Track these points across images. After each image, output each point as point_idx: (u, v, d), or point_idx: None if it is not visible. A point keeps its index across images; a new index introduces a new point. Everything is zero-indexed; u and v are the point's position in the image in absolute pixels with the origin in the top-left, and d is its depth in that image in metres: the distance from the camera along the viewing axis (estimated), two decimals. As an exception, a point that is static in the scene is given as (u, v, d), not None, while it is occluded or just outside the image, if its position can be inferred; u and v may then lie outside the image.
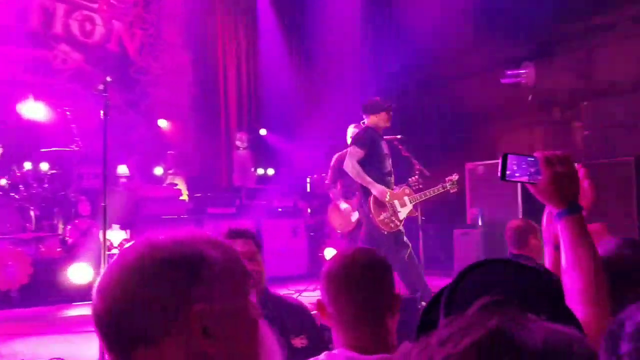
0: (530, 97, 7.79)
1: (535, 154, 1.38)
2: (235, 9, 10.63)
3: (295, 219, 8.34)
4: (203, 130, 9.78)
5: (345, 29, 10.25)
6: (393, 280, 1.75)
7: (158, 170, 8.64)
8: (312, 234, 8.60)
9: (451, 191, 5.84)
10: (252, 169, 9.31)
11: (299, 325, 2.44)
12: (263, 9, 10.73)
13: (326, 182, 6.83)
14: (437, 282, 5.68)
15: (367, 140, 5.55)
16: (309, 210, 8.88)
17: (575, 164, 1.38)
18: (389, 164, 5.68)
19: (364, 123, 5.95)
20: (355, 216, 6.48)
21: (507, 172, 1.41)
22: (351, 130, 6.60)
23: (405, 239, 5.65)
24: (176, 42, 10.02)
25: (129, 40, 9.62)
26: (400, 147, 6.50)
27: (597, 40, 8.27)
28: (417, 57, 9.29)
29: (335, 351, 1.67)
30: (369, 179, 5.47)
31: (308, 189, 9.73)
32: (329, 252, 7.36)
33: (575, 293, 1.29)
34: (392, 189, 5.63)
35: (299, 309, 2.56)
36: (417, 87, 9.98)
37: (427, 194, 5.71)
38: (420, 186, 6.36)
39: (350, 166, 5.51)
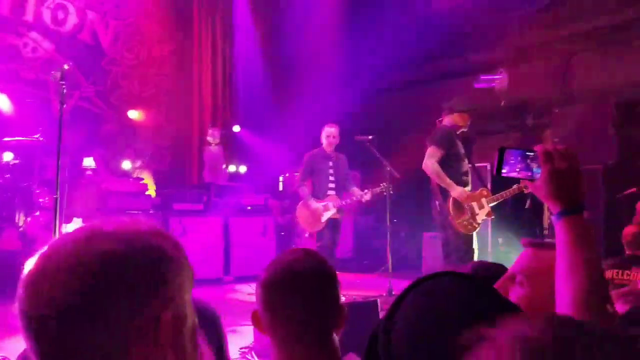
0: (503, 103, 7.79)
1: (535, 148, 1.26)
2: (212, 4, 10.51)
3: (265, 218, 8.25)
4: (175, 125, 9.64)
5: (322, 27, 10.19)
6: (339, 290, 1.56)
7: (126, 164, 8.48)
8: (282, 233, 8.52)
9: (525, 192, 5.78)
10: (224, 166, 9.20)
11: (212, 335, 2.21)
12: (240, 5, 10.63)
13: (297, 180, 6.75)
14: (405, 284, 5.62)
15: (447, 140, 5.41)
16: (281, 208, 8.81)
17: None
18: (465, 164, 5.55)
19: (440, 121, 5.80)
20: (325, 216, 6.41)
21: (503, 168, 1.31)
22: (328, 129, 6.53)
23: (474, 244, 5.53)
24: (152, 35, 9.86)
25: (102, 30, 9.43)
26: (371, 148, 6.46)
27: (571, 48, 8.32)
28: (393, 59, 9.27)
29: None
30: (448, 180, 5.34)
31: (280, 188, 9.65)
32: (298, 253, 7.27)
33: (569, 300, 1.18)
34: (469, 190, 5.52)
35: (212, 318, 2.34)
36: (393, 89, 9.95)
37: (504, 195, 5.56)
38: (391, 191, 6.33)
39: (430, 166, 5.37)
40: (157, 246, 0.82)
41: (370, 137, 6.49)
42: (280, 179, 9.67)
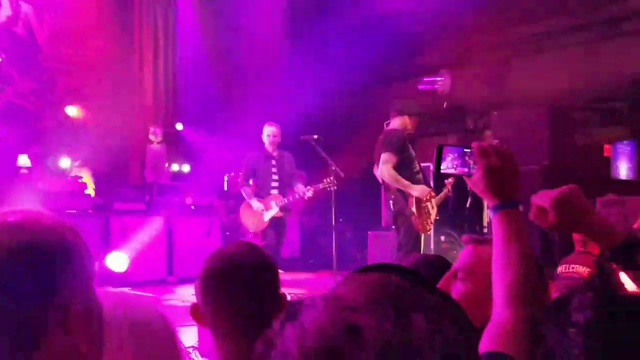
0: (445, 105, 7.98)
1: (472, 145, 1.30)
2: (154, -1, 10.29)
3: (209, 218, 8.15)
4: (115, 122, 9.38)
5: (271, 25, 10.12)
6: (279, 281, 1.57)
7: (64, 162, 8.20)
8: (227, 233, 8.44)
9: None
10: (166, 165, 9.03)
11: None
12: (183, 0, 10.45)
13: (239, 181, 6.72)
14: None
15: (401, 145, 5.41)
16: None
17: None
18: (416, 165, 5.57)
19: (388, 124, 5.80)
20: (268, 215, 6.40)
21: (442, 165, 1.33)
22: (268, 129, 6.51)
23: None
24: (90, 30, 9.55)
25: (38, 24, 9.09)
26: (317, 147, 6.48)
27: (509, 52, 8.59)
28: (340, 61, 9.35)
29: None
30: (406, 182, 5.35)
31: (225, 188, 9.56)
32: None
33: (503, 293, 1.22)
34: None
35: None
36: (340, 89, 10.02)
37: (442, 196, 5.78)
38: (335, 187, 6.38)
39: (386, 173, 5.36)
40: (61, 238, 0.82)
41: (315, 136, 6.51)
42: (225, 178, 9.58)
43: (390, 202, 5.68)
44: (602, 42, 7.77)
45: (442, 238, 7.88)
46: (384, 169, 5.40)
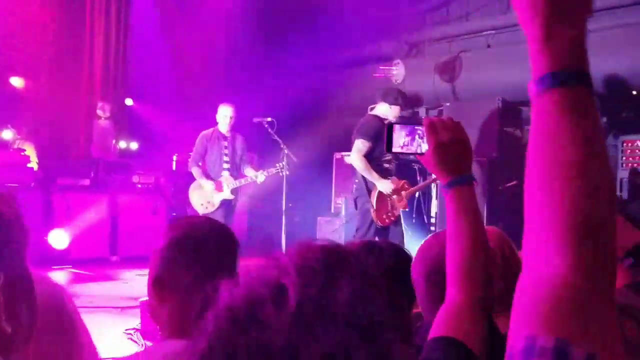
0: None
1: (423, 120, 1.27)
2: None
3: (155, 197, 7.99)
4: (62, 95, 9.03)
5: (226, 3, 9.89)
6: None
7: (6, 134, 7.87)
8: (174, 214, 8.30)
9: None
10: (114, 141, 8.79)
11: None
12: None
13: (189, 160, 6.60)
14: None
15: (374, 132, 5.34)
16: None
17: None
18: (389, 154, 5.48)
19: (372, 109, 5.73)
20: (219, 197, 6.32)
21: (394, 144, 1.32)
22: (223, 109, 6.40)
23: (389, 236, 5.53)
24: (36, -3, 9.12)
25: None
26: (269, 130, 6.43)
27: (462, 46, 8.72)
28: (294, 44, 9.28)
29: (162, 344, 1.39)
30: (375, 175, 5.37)
31: (174, 167, 9.38)
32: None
33: (452, 271, 1.20)
34: (392, 177, 5.54)
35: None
36: (293, 75, 9.96)
37: (421, 186, 5.89)
38: (287, 172, 6.34)
39: (357, 160, 5.37)
40: None
41: (268, 119, 6.47)
42: (174, 157, 9.40)
43: (354, 186, 5.73)
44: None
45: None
46: (355, 157, 5.43)
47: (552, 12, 0.72)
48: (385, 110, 5.60)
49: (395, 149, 1.33)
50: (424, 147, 1.28)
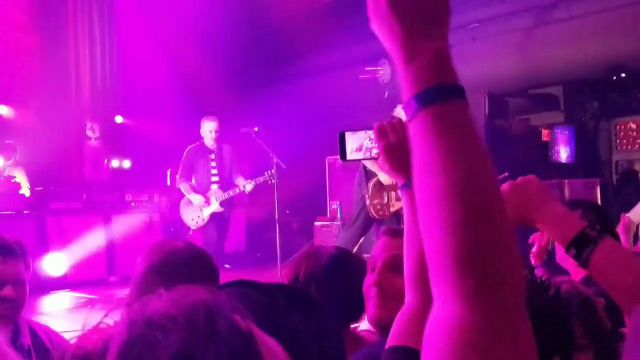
0: (386, 94, 8.01)
1: (374, 125, 1.26)
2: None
3: (150, 214, 7.95)
4: (51, 119, 9.01)
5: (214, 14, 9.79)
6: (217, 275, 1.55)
7: (-4, 162, 7.84)
8: (172, 229, 8.26)
9: None
10: (105, 161, 8.75)
11: None
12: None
13: (177, 176, 6.58)
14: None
15: None
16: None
17: None
18: None
19: (393, 111, 5.82)
20: (207, 211, 6.30)
21: (347, 152, 1.32)
22: (207, 124, 6.38)
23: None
24: (20, 23, 9.11)
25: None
26: (257, 139, 6.42)
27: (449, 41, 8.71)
28: (277, 48, 9.26)
29: None
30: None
31: (168, 182, 9.35)
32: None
33: (407, 273, 1.17)
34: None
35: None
36: (281, 79, 9.95)
37: None
38: (276, 180, 6.33)
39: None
40: None
41: (255, 128, 6.47)
42: (168, 173, 9.37)
43: (356, 179, 5.80)
44: (537, 28, 7.97)
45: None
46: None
47: (408, 32, 0.70)
48: (400, 113, 5.68)
49: (349, 157, 1.32)
50: (376, 152, 1.29)
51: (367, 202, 5.50)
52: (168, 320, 0.59)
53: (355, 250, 5.77)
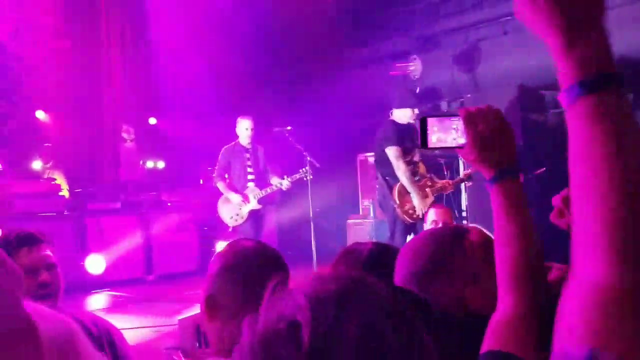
0: (417, 90, 7.98)
1: (459, 112, 1.17)
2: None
3: (185, 213, 8.07)
4: (86, 122, 9.21)
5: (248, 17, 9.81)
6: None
7: (36, 164, 8.05)
8: (205, 228, 8.37)
9: (467, 184, 5.88)
10: (141, 162, 8.91)
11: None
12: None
13: (213, 175, 6.65)
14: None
15: (398, 136, 5.47)
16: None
17: None
18: (414, 154, 5.64)
19: (391, 113, 5.81)
20: (246, 209, 6.35)
21: (429, 140, 1.22)
22: (243, 122, 6.42)
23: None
24: (54, 27, 9.30)
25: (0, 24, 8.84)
26: (290, 138, 6.46)
27: (478, 34, 8.62)
28: (307, 46, 9.27)
29: None
30: (413, 187, 5.44)
31: (201, 182, 9.47)
32: (221, 246, 7.17)
33: (502, 274, 1.09)
34: (417, 178, 5.62)
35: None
36: (311, 77, 9.96)
37: (446, 186, 5.78)
38: (311, 177, 6.36)
39: (402, 170, 5.42)
40: None
41: (288, 127, 6.50)
42: (203, 172, 9.48)
43: (377, 189, 5.80)
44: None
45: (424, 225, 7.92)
46: (397, 165, 5.44)
47: (569, 21, 0.72)
48: (397, 114, 5.65)
49: (431, 145, 1.22)
50: (461, 140, 1.18)
51: (399, 210, 5.48)
52: (343, 297, 0.65)
53: None
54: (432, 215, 4.27)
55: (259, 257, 1.55)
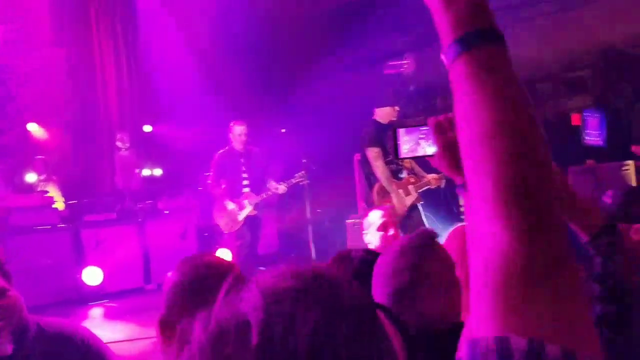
0: (412, 88, 7.94)
1: (428, 121, 1.17)
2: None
3: (184, 220, 8.02)
4: (81, 132, 9.17)
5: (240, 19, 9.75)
6: None
7: (30, 177, 8.00)
8: (205, 234, 8.32)
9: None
10: (137, 171, 8.86)
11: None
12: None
13: (208, 182, 6.60)
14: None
15: (372, 137, 5.50)
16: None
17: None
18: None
19: (374, 113, 5.82)
20: (242, 215, 6.31)
21: (402, 149, 1.24)
22: (237, 128, 6.37)
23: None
24: (46, 38, 9.26)
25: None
26: (286, 141, 6.43)
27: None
28: (299, 48, 9.23)
29: None
30: (391, 187, 5.43)
31: (200, 187, 9.41)
32: (221, 253, 7.13)
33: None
34: (402, 175, 5.61)
35: (80, 342, 2.00)
36: (303, 79, 9.93)
37: (432, 180, 5.75)
38: (307, 181, 6.32)
39: (380, 170, 5.43)
40: None
41: (283, 130, 6.47)
42: (199, 178, 9.43)
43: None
44: (561, 12, 7.80)
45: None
46: (377, 165, 5.45)
47: None
48: (384, 113, 5.69)
49: (403, 155, 1.24)
50: (433, 149, 1.19)
51: None
52: (301, 294, 0.61)
53: None
54: (373, 218, 3.81)
55: (214, 271, 1.46)
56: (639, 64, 7.89)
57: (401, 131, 1.24)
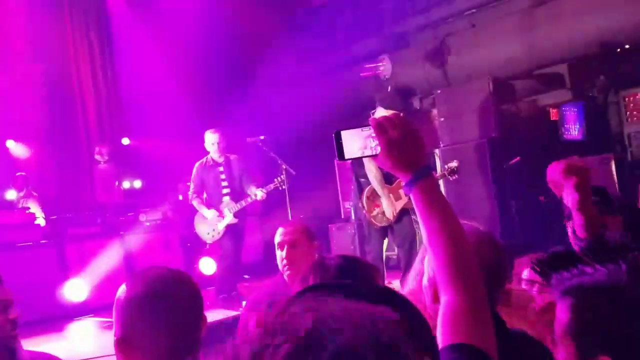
0: (389, 89, 7.97)
1: (370, 121, 1.22)
2: (84, 9, 9.86)
3: (166, 232, 7.96)
4: (61, 147, 9.07)
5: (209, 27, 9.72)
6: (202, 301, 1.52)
7: (10, 194, 7.90)
8: (188, 244, 8.26)
9: (451, 178, 5.82)
10: (117, 183, 8.78)
11: None
12: (115, 4, 9.99)
13: (189, 192, 6.55)
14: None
15: None
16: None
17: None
18: None
19: (373, 113, 5.69)
20: (222, 224, 6.27)
21: (345, 151, 1.27)
22: (210, 137, 6.31)
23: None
24: (24, 53, 9.14)
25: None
26: (264, 148, 6.40)
27: (444, 30, 8.66)
28: (276, 53, 9.23)
29: None
30: (382, 192, 5.40)
31: (180, 197, 9.35)
32: (205, 262, 7.09)
33: (441, 273, 1.14)
34: (390, 181, 5.52)
35: None
36: (282, 84, 9.94)
37: None
38: (285, 186, 6.28)
39: (373, 173, 5.39)
40: None
41: (261, 137, 6.45)
42: (180, 188, 9.37)
43: (352, 190, 5.79)
44: (535, 8, 7.88)
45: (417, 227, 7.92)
46: (370, 167, 5.41)
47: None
48: (380, 114, 5.59)
49: (348, 155, 1.28)
50: (377, 148, 1.24)
51: (367, 215, 5.48)
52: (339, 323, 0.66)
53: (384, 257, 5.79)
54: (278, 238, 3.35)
55: (169, 284, 1.45)
56: (615, 56, 8.00)
57: (345, 133, 1.27)
